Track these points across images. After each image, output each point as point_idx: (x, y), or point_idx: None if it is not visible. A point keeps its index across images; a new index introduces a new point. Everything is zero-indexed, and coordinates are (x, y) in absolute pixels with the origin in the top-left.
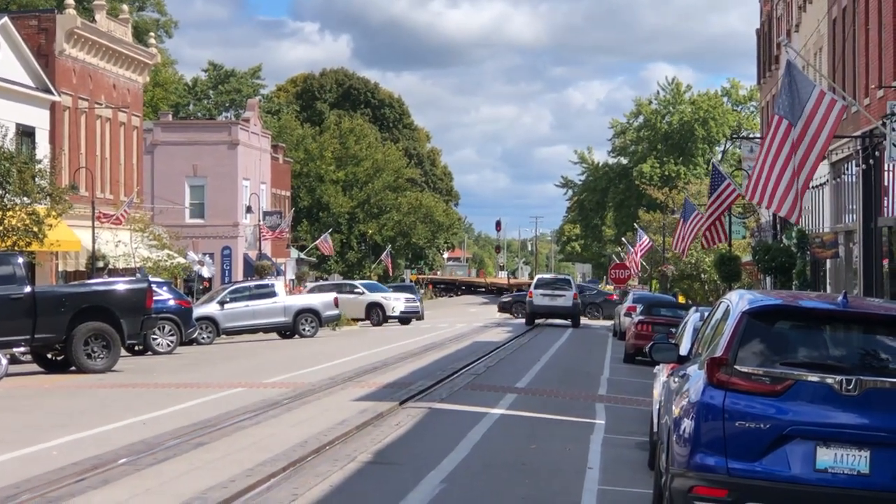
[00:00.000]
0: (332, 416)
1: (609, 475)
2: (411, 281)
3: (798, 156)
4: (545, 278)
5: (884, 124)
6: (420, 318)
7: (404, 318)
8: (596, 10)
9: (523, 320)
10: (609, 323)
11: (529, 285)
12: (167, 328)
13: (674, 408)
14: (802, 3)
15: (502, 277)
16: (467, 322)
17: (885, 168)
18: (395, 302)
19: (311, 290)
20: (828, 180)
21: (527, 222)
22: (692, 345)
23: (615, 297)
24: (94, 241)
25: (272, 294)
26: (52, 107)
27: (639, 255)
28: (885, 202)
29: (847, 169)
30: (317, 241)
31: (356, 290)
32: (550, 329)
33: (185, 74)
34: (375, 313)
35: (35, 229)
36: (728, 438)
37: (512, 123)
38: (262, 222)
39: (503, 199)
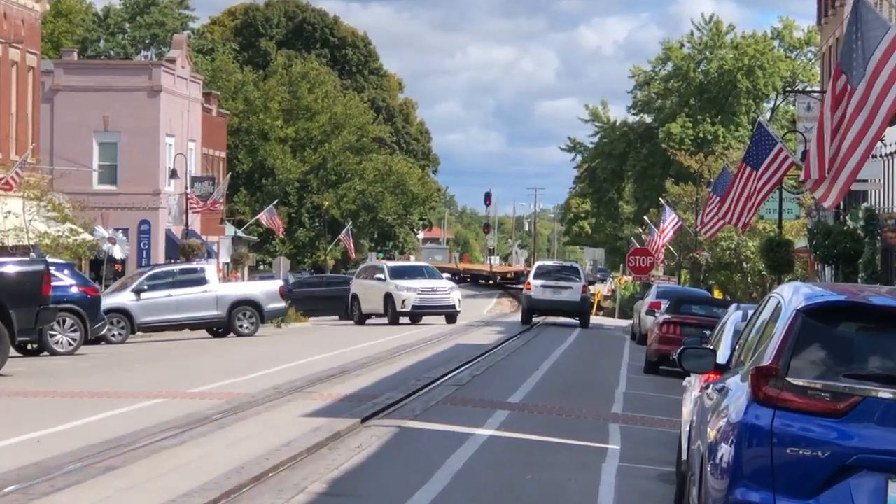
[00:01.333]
0: (276, 436)
1: None
2: None
3: (859, 122)
4: (547, 266)
5: None
6: (452, 316)
7: (417, 314)
8: None
9: (516, 317)
10: (625, 323)
11: (519, 275)
12: (69, 323)
13: (709, 430)
14: None
15: (487, 264)
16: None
17: None
18: (407, 292)
19: (361, 275)
20: None
21: (524, 195)
22: (732, 351)
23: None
24: None
25: (202, 281)
26: None
27: (665, 237)
28: None
29: None
30: (259, 215)
31: (378, 276)
32: (553, 329)
33: (94, 2)
34: (391, 306)
35: None
36: (777, 469)
37: (507, 70)
38: (189, 190)
39: (495, 166)
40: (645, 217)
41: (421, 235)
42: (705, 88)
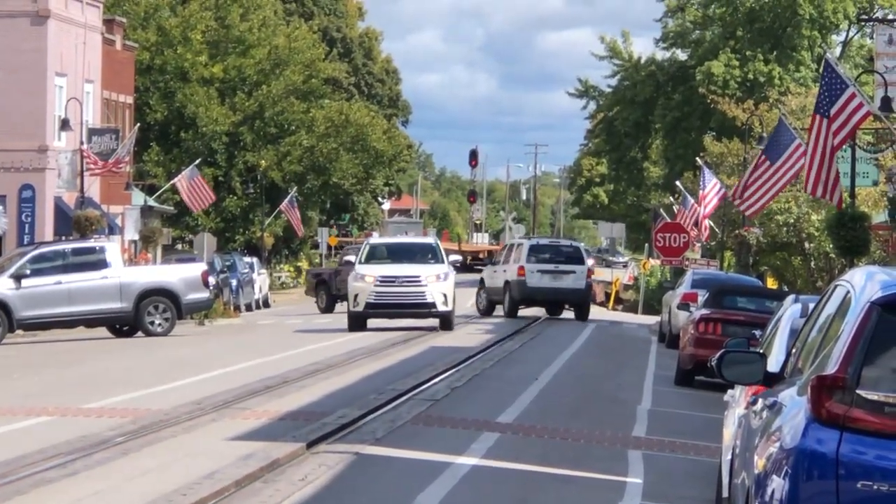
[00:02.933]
0: (195, 465)
1: None
2: (330, 246)
3: None
4: (543, 245)
5: None
6: (443, 320)
7: (371, 315)
8: None
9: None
10: (652, 320)
11: (493, 255)
12: None
13: (756, 458)
14: None
15: (455, 243)
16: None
17: None
18: (362, 283)
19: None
20: None
21: (521, 154)
22: (788, 355)
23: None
24: None
25: (101, 264)
26: None
27: (704, 209)
28: None
29: None
30: (176, 179)
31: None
32: (556, 327)
33: None
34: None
35: None
36: None
37: None
38: (86, 146)
39: (483, 117)
40: (677, 183)
41: (387, 206)
42: (756, 16)
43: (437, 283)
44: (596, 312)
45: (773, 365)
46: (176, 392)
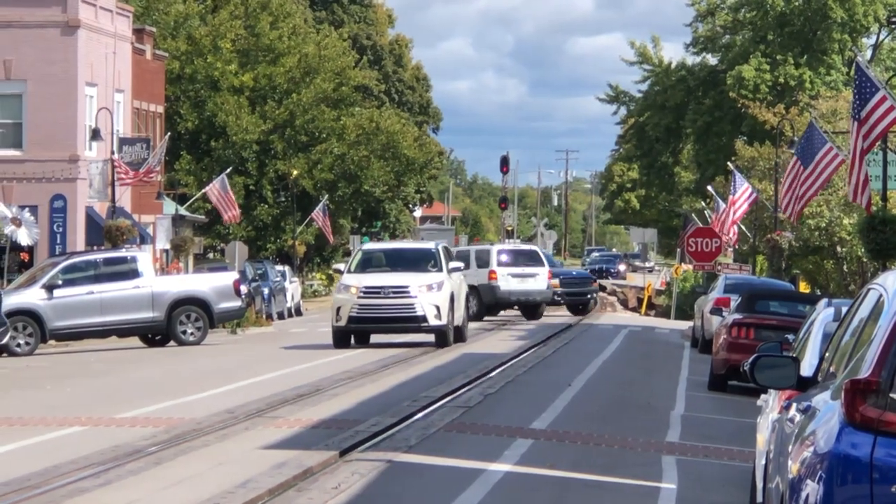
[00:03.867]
0: (229, 473)
1: None
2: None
3: None
4: (508, 250)
5: None
6: (438, 336)
7: (355, 331)
8: None
9: (545, 318)
10: (685, 325)
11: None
12: None
13: (790, 463)
14: None
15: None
16: None
17: None
18: (347, 294)
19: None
20: None
21: (552, 160)
22: (821, 360)
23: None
24: None
25: (133, 274)
26: None
27: (735, 214)
28: None
29: None
30: (207, 188)
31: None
32: (588, 333)
33: None
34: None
35: None
36: None
37: None
38: (117, 156)
39: (514, 123)
40: (709, 187)
41: (418, 213)
42: (787, 20)
43: (428, 293)
44: (628, 318)
45: (807, 369)
46: (208, 401)
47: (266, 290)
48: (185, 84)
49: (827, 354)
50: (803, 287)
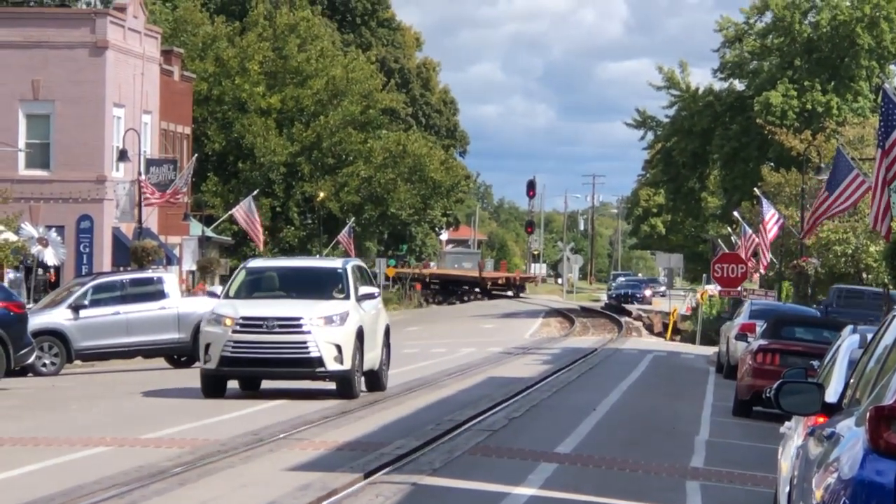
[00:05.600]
0: (253, 495)
1: None
2: (388, 276)
3: None
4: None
5: None
6: (341, 383)
7: (230, 374)
8: None
9: (567, 342)
10: (710, 350)
11: (510, 281)
12: None
13: (814, 489)
14: None
15: (475, 269)
16: (479, 345)
17: None
18: (218, 329)
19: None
20: None
21: (579, 185)
22: (846, 386)
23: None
24: None
25: (159, 295)
26: None
27: (763, 239)
28: None
29: None
30: (234, 210)
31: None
32: (615, 359)
33: None
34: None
35: None
36: None
37: (561, 22)
38: (144, 177)
39: (541, 147)
40: (735, 213)
41: (445, 236)
42: (814, 46)
43: (327, 328)
44: (654, 343)
45: (832, 395)
46: (233, 422)
47: None
48: (212, 105)
49: (852, 381)
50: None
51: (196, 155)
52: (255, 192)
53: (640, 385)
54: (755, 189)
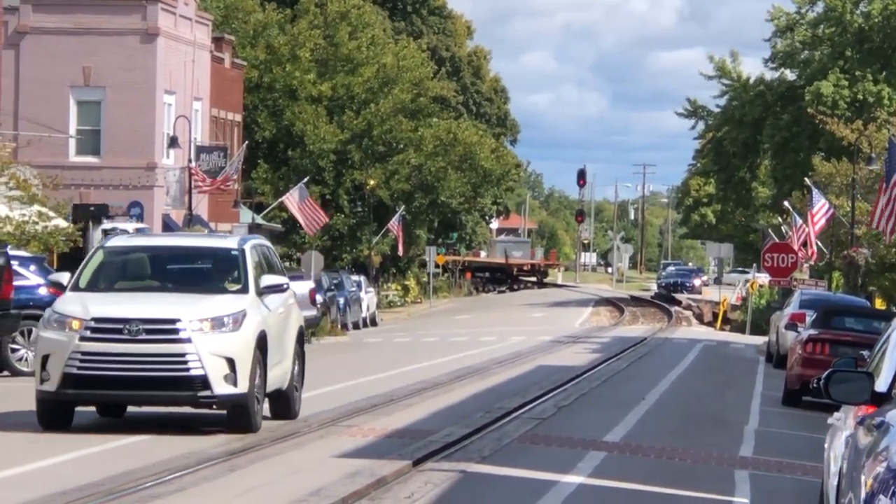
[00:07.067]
0: (302, 482)
1: None
2: (438, 264)
3: None
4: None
5: None
6: (235, 412)
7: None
8: None
9: (616, 332)
10: (760, 340)
11: (535, 268)
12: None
13: (863, 478)
14: None
15: (502, 256)
16: (528, 333)
17: None
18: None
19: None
20: None
21: (629, 174)
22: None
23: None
24: None
25: None
26: None
27: (813, 229)
28: None
29: None
30: (284, 197)
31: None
32: (663, 348)
33: None
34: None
35: None
36: None
37: (613, 11)
38: (194, 164)
39: (592, 136)
40: (786, 203)
41: (495, 225)
42: (866, 36)
43: (214, 334)
44: (703, 333)
45: (882, 385)
46: None
47: (341, 300)
48: (263, 93)
49: None
50: (879, 304)
51: (246, 142)
52: (306, 180)
53: (689, 374)
54: (806, 179)
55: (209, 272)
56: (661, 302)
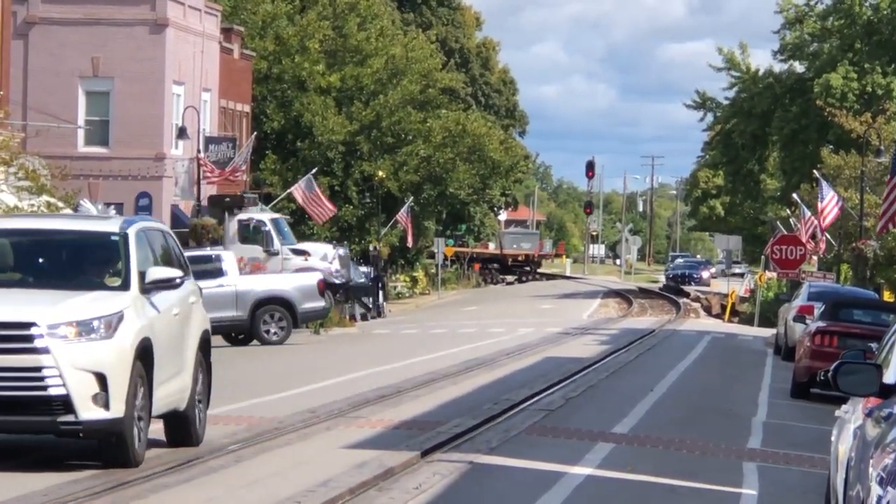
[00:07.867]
0: (309, 472)
1: None
2: (446, 256)
3: None
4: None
5: None
6: (112, 446)
7: None
8: None
9: (624, 324)
10: (768, 332)
11: (530, 258)
12: None
13: (871, 470)
14: None
15: (497, 247)
16: (537, 325)
17: None
18: None
19: None
20: None
21: (638, 166)
22: None
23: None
24: None
25: (217, 273)
26: None
27: (821, 222)
28: None
29: None
30: (292, 188)
31: None
32: (672, 339)
33: None
34: None
35: None
36: None
37: (621, 3)
38: (203, 154)
39: (601, 128)
40: (794, 195)
41: (503, 216)
42: (875, 28)
43: (80, 342)
44: (712, 325)
45: (890, 377)
46: (290, 400)
47: None
48: (272, 84)
49: None
50: (887, 296)
51: (255, 133)
52: (314, 171)
53: (697, 366)
54: (814, 171)
55: (81, 262)
56: (670, 294)
